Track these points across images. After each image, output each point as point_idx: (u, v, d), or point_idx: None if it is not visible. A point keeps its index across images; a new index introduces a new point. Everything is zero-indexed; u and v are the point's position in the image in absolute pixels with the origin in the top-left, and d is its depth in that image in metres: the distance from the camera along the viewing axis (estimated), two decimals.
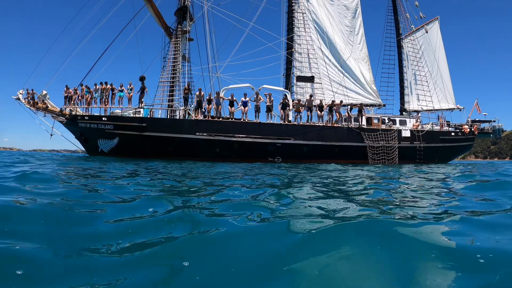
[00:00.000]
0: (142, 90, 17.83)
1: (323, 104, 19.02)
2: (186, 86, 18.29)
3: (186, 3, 19.60)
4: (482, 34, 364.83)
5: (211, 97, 17.70)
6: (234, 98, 17.78)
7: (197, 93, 17.65)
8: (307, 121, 18.75)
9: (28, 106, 17.93)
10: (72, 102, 18.04)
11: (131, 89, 17.77)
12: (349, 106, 19.90)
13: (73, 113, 17.76)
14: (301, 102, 18.89)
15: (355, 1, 23.86)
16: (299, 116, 18.58)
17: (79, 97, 18.10)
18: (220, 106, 17.73)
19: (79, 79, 18.83)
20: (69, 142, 21.97)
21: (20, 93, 18.26)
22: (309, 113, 18.68)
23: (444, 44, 26.24)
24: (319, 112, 18.75)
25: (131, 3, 19.27)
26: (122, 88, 17.73)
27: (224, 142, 17.21)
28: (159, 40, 22.44)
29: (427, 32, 25.44)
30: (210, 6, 20.21)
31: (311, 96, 19.29)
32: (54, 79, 19.29)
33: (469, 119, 24.03)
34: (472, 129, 22.83)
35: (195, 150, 17.00)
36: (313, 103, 18.81)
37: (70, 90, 18.25)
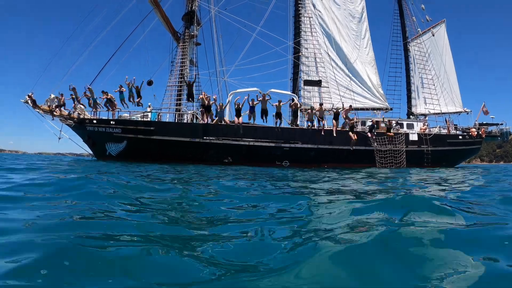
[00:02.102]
0: (138, 93, 17.61)
1: (339, 111, 18.55)
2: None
3: (193, 7, 19.73)
4: (488, 36, 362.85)
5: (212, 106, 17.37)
6: (241, 107, 17.36)
7: (200, 96, 17.50)
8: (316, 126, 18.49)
9: (37, 110, 18.01)
10: (74, 104, 17.87)
11: (131, 87, 17.50)
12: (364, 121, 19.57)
13: (81, 116, 17.83)
14: (314, 112, 18.42)
15: (361, 5, 23.88)
16: (310, 124, 18.30)
17: (77, 98, 17.87)
18: (222, 119, 17.30)
19: (87, 83, 18.80)
20: (74, 145, 22.01)
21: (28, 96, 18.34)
22: (320, 119, 18.32)
23: (451, 46, 26.20)
24: (334, 121, 18.21)
25: (139, 8, 19.44)
26: (122, 90, 17.59)
27: (232, 146, 17.21)
28: (167, 45, 22.56)
29: (433, 35, 25.39)
30: (217, 10, 20.34)
31: (321, 104, 18.90)
32: (61, 84, 19.41)
33: (476, 122, 23.84)
34: (480, 132, 22.67)
35: (203, 154, 17.02)
36: (324, 113, 18.42)
37: (72, 95, 18.18)
